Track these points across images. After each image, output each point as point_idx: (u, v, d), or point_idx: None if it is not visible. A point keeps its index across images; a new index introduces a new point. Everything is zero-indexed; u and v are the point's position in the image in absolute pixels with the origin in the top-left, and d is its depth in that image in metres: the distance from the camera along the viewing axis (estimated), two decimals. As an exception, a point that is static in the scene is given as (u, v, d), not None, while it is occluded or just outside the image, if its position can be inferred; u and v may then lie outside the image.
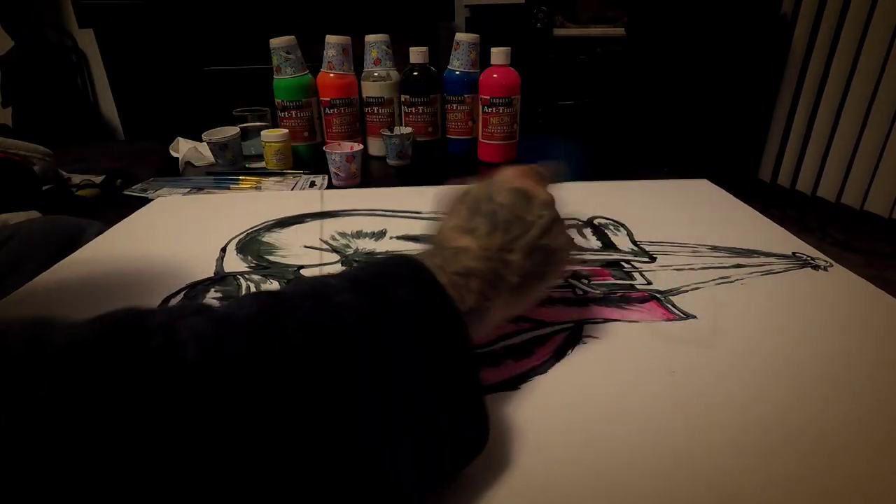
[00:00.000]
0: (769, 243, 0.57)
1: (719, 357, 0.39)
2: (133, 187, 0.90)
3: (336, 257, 0.54)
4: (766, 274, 0.51)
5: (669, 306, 0.46)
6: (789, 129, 2.07)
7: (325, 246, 0.56)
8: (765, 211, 0.65)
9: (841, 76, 1.86)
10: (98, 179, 1.16)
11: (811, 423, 0.32)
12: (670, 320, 0.43)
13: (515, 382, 0.35)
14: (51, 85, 2.05)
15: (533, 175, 0.38)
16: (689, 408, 0.33)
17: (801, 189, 2.06)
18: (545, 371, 0.37)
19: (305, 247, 0.56)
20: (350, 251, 0.55)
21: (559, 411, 0.33)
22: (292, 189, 0.85)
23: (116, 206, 0.72)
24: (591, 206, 0.67)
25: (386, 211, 0.66)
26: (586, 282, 0.50)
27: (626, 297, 0.47)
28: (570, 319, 0.43)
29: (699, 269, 0.52)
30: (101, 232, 0.74)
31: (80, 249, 0.57)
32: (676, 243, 0.58)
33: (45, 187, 1.06)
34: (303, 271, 0.51)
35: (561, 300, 0.46)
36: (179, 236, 0.60)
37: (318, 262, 0.53)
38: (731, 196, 0.72)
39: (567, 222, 0.38)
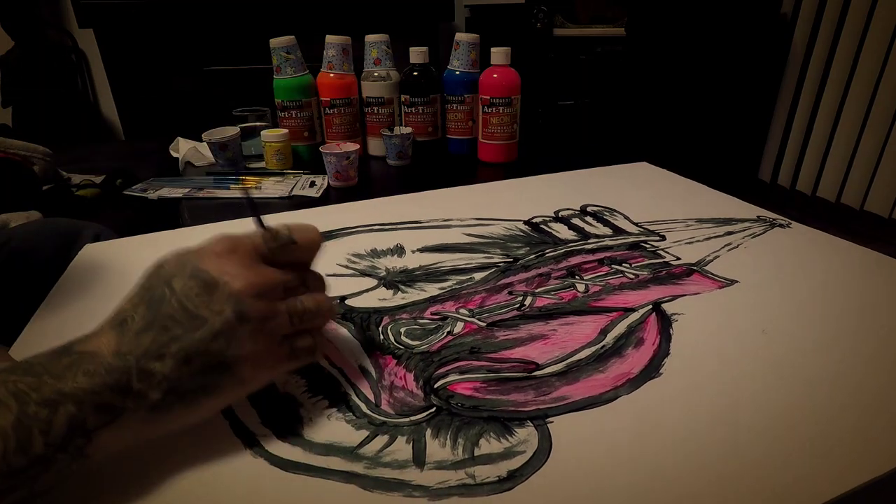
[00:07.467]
0: (735, 211, 0.63)
1: (788, 309, 0.43)
2: (133, 187, 0.90)
3: (373, 282, 0.49)
4: (754, 237, 0.56)
5: (712, 275, 0.49)
6: (789, 129, 2.07)
7: (350, 271, 0.51)
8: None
9: (841, 76, 1.86)
10: (98, 179, 1.16)
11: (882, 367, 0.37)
12: (722, 287, 0.47)
13: (656, 368, 0.37)
14: (51, 85, 2.05)
15: (243, 250, 0.29)
16: (787, 361, 0.37)
17: (801, 189, 2.06)
18: (668, 353, 0.39)
19: (328, 276, 0.51)
20: (381, 271, 0.50)
21: (711, 381, 0.36)
22: (291, 189, 0.85)
23: (116, 205, 0.71)
24: (554, 199, 0.68)
25: (384, 225, 0.62)
26: (628, 265, 0.51)
27: (671, 274, 0.50)
28: (647, 302, 0.45)
29: (704, 240, 0.56)
30: (98, 234, 0.73)
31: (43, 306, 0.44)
32: (668, 220, 0.61)
33: (45, 187, 1.06)
34: (349, 301, 0.46)
35: (620, 287, 0.48)
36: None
37: (360, 290, 0.48)
38: (674, 174, 0.77)
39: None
